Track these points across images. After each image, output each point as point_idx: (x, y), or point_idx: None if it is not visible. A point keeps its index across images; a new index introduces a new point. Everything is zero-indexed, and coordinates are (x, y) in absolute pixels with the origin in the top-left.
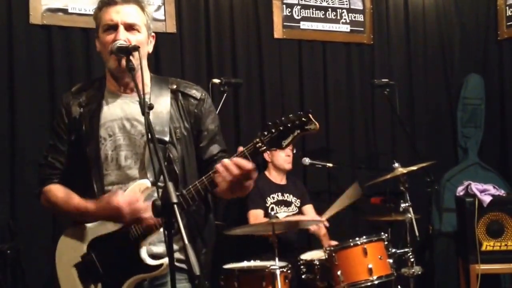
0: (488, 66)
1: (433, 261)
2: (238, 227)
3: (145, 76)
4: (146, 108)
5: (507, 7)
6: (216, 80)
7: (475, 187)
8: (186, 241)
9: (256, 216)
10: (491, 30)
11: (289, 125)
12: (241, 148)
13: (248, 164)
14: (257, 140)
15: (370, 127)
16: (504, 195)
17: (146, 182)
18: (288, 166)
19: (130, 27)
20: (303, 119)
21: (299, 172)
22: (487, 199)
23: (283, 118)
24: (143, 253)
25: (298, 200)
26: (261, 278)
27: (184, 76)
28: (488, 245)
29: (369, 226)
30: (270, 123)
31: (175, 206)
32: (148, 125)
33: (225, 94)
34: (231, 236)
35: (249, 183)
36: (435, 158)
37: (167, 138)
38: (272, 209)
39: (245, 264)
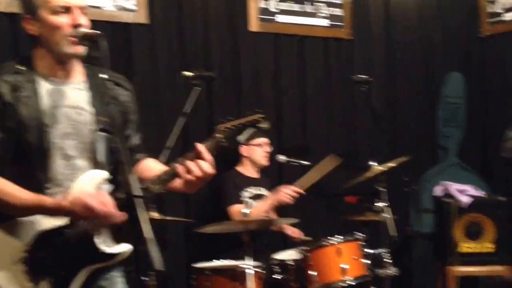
0: (470, 64)
1: (411, 262)
2: (209, 224)
3: (79, 64)
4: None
5: (489, 3)
6: (187, 73)
7: (454, 187)
8: (148, 235)
9: (238, 211)
10: (473, 27)
11: (242, 122)
12: (198, 145)
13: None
14: (217, 135)
15: (350, 124)
16: (483, 196)
17: (103, 174)
18: (265, 161)
19: (82, 10)
20: (254, 118)
21: (274, 169)
22: (465, 200)
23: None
24: (98, 242)
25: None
26: (234, 278)
27: (157, 68)
28: (467, 246)
29: (345, 226)
30: (222, 120)
31: (138, 199)
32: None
33: (198, 88)
34: (203, 234)
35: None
36: (414, 157)
37: (108, 128)
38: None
39: (216, 263)
